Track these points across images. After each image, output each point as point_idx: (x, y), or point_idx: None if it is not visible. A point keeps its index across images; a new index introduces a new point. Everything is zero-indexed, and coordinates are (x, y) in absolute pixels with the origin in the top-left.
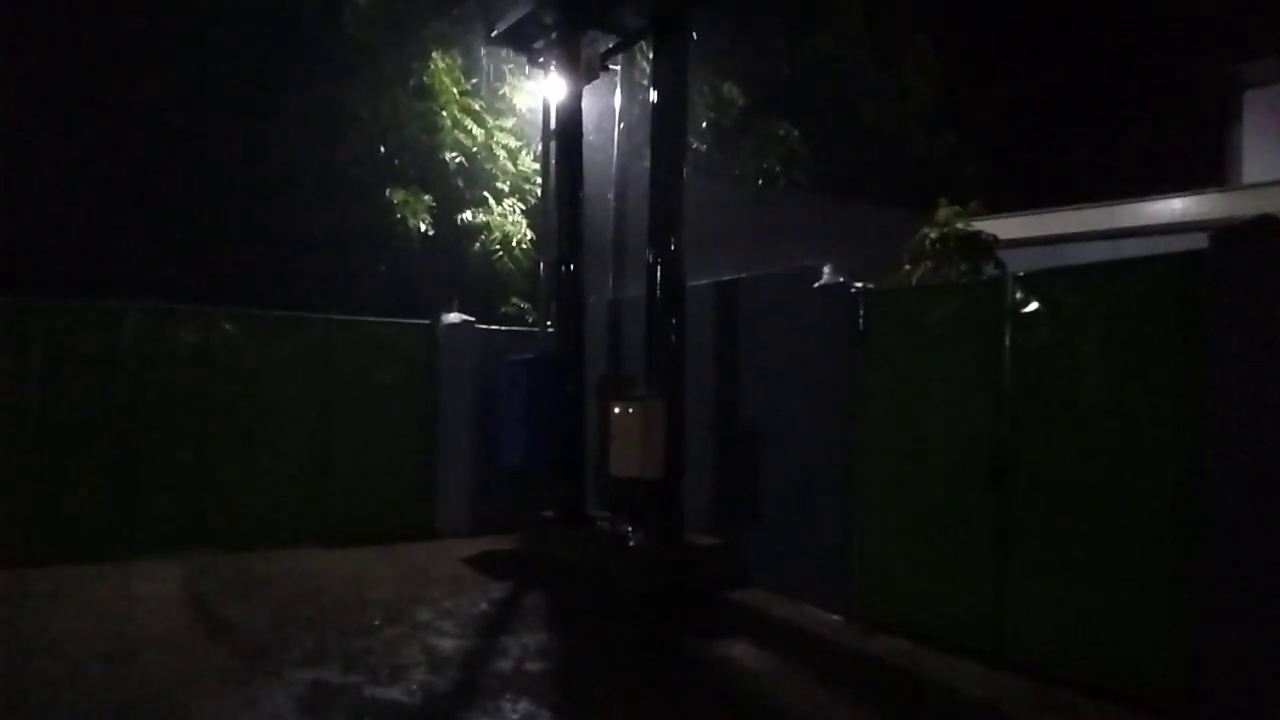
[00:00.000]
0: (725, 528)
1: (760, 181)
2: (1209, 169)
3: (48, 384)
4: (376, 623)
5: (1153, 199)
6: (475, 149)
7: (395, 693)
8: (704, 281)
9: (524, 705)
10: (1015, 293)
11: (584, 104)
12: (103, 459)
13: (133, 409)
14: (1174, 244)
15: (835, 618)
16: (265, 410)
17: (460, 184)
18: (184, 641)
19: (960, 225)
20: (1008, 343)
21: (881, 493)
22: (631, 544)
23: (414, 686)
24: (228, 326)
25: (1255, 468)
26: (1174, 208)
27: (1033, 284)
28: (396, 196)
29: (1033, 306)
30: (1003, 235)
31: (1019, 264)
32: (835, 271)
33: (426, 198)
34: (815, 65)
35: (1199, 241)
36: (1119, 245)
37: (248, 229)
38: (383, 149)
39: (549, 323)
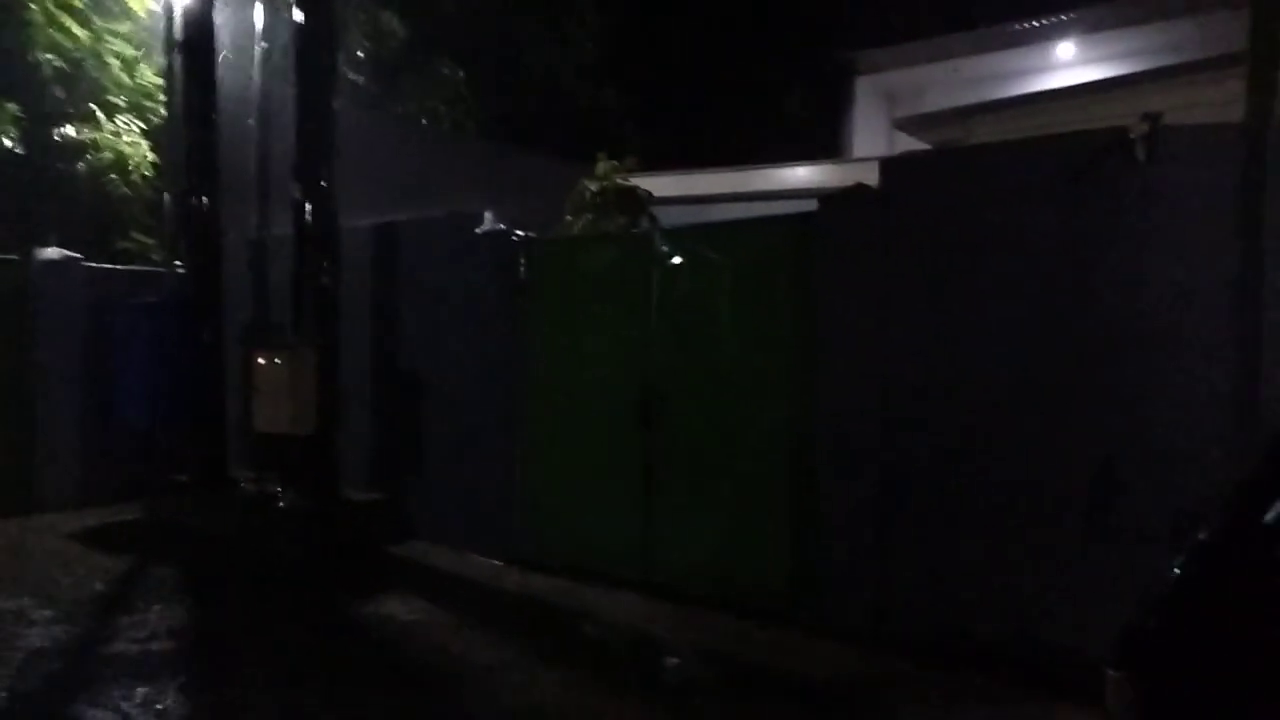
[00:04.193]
0: (387, 481)
1: (425, 123)
2: (831, 142)
3: None
4: None
5: (781, 166)
6: (79, 54)
7: None
8: (362, 223)
9: (145, 690)
10: (662, 245)
11: (221, 17)
12: None
13: None
14: (799, 208)
15: (497, 563)
16: None
17: (60, 94)
18: None
19: (618, 180)
20: (655, 293)
21: (543, 438)
22: (281, 505)
23: None
24: None
25: (848, 410)
26: (798, 175)
27: (676, 238)
28: None
29: (676, 259)
30: (657, 192)
31: (670, 220)
32: (496, 219)
33: (11, 106)
34: (480, 5)
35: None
36: (756, 207)
37: None
38: None
39: (178, 262)
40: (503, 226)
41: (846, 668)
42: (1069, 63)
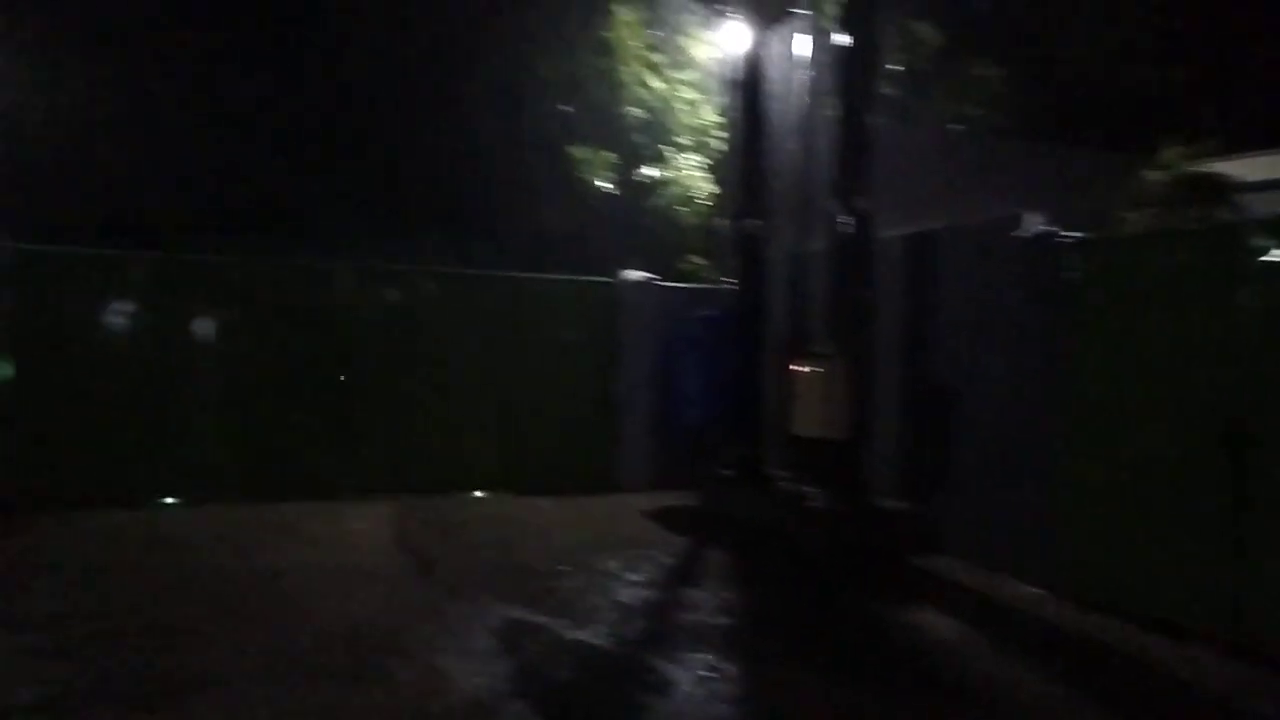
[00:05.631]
0: (913, 492)
1: (958, 127)
2: None
3: (268, 337)
4: (566, 568)
5: None
6: (656, 103)
7: (586, 635)
8: (893, 234)
9: (709, 658)
10: (1257, 239)
11: (768, 51)
12: (317, 409)
13: (344, 363)
14: None
15: (1036, 591)
16: (460, 365)
17: (641, 140)
18: (392, 574)
19: (1190, 168)
20: (1246, 295)
21: (1089, 459)
22: (812, 504)
23: (604, 630)
24: (427, 285)
25: None
26: None
27: (1276, 230)
28: (579, 154)
29: (1275, 255)
30: (1242, 178)
31: (1267, 208)
32: (1039, 221)
33: (609, 154)
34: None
35: None
36: None
37: (439, 191)
38: (565, 107)
39: (729, 279)
40: (1046, 228)
41: None
42: None
